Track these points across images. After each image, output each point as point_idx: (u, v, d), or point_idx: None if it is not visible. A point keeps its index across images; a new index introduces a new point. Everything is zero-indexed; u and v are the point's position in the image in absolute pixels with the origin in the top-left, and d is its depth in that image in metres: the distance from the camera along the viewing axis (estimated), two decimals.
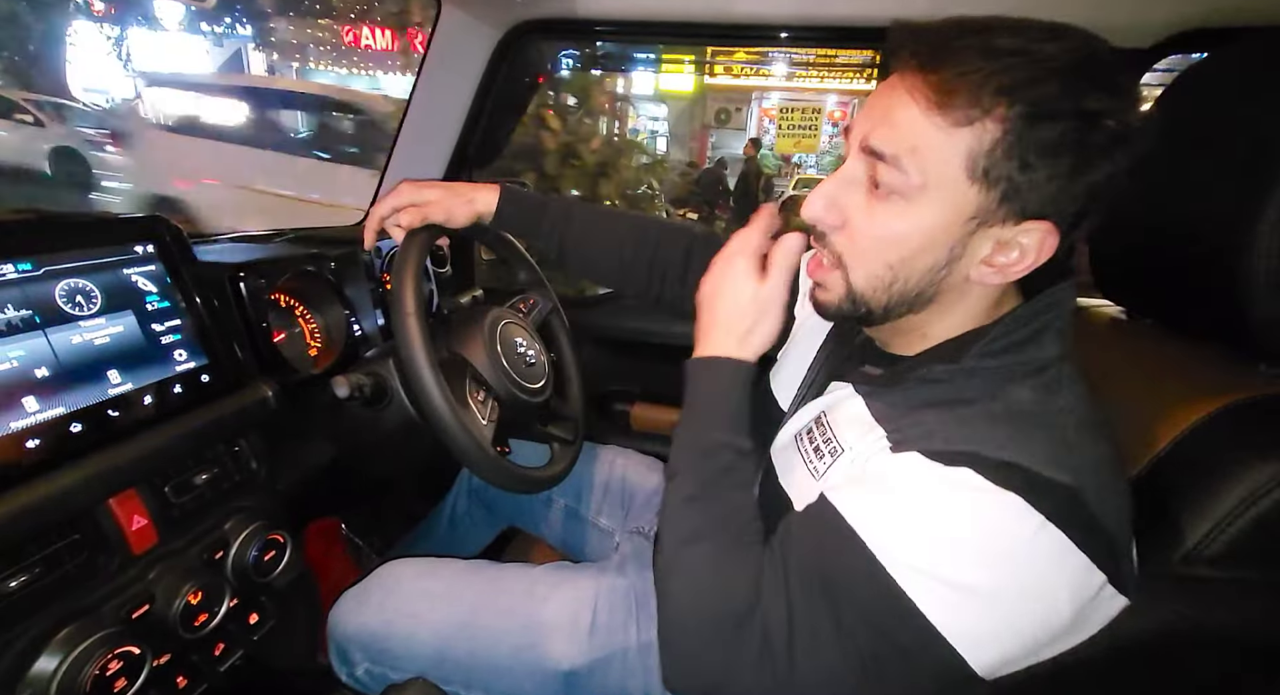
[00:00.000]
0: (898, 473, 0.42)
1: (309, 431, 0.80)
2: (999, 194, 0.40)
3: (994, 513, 0.38)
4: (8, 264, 0.48)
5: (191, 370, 0.59)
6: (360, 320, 0.85)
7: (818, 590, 0.42)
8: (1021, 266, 0.43)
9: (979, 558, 0.38)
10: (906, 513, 0.40)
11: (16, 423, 0.46)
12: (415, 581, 0.73)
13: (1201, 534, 0.45)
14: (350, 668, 0.71)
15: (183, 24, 7.88)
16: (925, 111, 0.40)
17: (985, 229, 0.42)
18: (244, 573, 0.62)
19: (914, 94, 0.41)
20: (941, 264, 0.44)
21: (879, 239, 0.45)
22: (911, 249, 0.44)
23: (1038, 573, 0.38)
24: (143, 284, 0.57)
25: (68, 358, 0.50)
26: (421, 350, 0.61)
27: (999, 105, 0.38)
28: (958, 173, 0.40)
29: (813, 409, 0.56)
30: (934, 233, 0.43)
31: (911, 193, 0.42)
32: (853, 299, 0.48)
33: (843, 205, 0.46)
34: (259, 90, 5.51)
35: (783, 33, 1.02)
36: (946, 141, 0.40)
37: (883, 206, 0.44)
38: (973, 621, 0.38)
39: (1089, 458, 0.40)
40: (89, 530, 0.52)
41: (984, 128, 0.39)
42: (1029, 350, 0.45)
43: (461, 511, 1.05)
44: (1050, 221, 0.41)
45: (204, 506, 0.61)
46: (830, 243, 0.48)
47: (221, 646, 0.62)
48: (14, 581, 0.47)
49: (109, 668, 0.49)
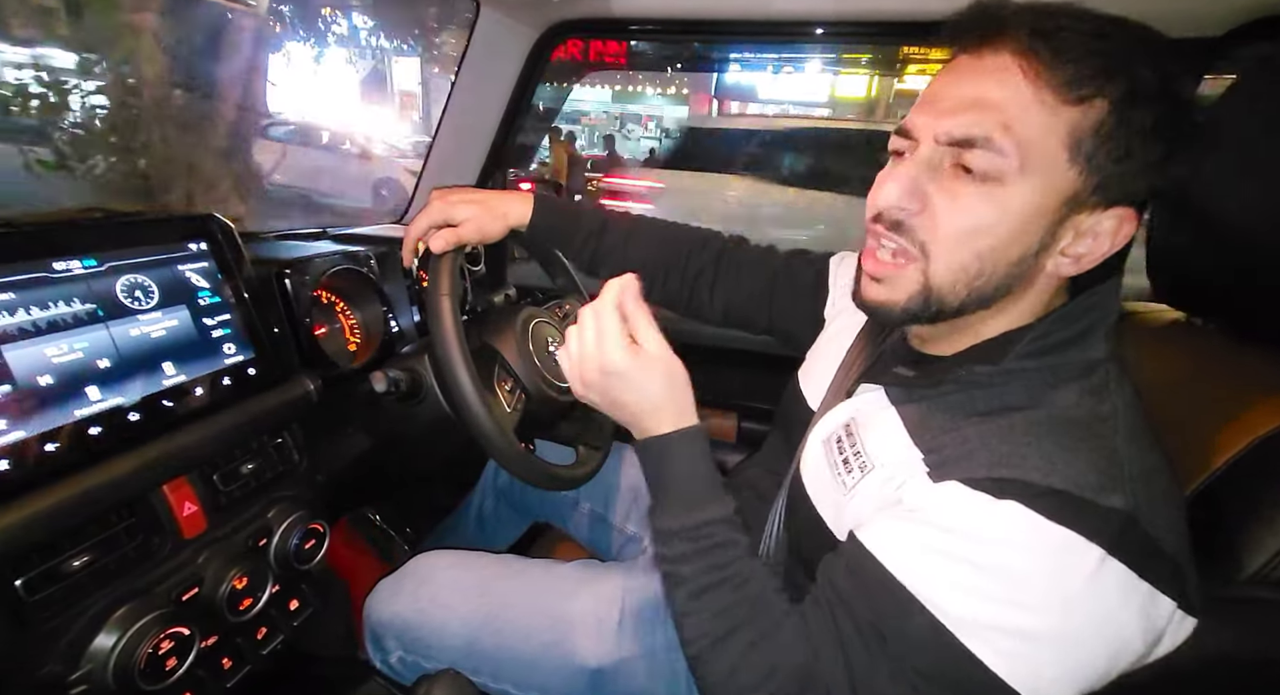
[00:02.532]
0: (941, 509, 0.40)
1: (347, 425, 0.82)
2: (1097, 178, 0.39)
3: (1051, 552, 0.36)
4: (74, 260, 0.51)
5: (240, 363, 0.62)
6: (397, 317, 0.87)
7: (876, 649, 0.40)
8: (1097, 255, 0.41)
9: (1041, 602, 0.36)
10: (958, 560, 0.38)
11: (80, 410, 0.49)
12: (448, 573, 0.74)
13: (1270, 554, 0.43)
14: (385, 655, 0.73)
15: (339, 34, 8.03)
16: (1034, 88, 0.38)
17: (1073, 216, 0.41)
18: (285, 560, 0.64)
19: (1021, 71, 0.39)
20: (1031, 253, 0.41)
21: (968, 227, 0.41)
22: (1003, 236, 0.41)
23: (1105, 610, 0.36)
24: (196, 280, 0.60)
25: (127, 350, 0.53)
26: (456, 347, 0.62)
27: (1105, 84, 0.37)
28: (1058, 152, 0.39)
29: (841, 413, 0.54)
30: (1029, 218, 0.40)
31: (1007, 174, 0.39)
32: (926, 296, 0.44)
33: (924, 190, 0.42)
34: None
35: (819, 29, 1.00)
36: (1051, 118, 0.38)
37: (971, 191, 0.41)
38: (1042, 669, 0.37)
39: (1140, 472, 0.38)
40: (145, 515, 0.55)
41: (1091, 106, 0.38)
42: (1073, 351, 0.43)
43: (489, 507, 1.06)
44: (1132, 208, 0.40)
45: (249, 495, 0.64)
46: (910, 229, 0.43)
47: (264, 631, 0.64)
48: (77, 560, 0.49)
49: (161, 647, 0.51)
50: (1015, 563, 0.37)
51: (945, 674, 0.38)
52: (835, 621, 0.43)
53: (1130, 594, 0.36)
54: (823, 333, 0.71)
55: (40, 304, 0.48)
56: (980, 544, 0.38)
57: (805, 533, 0.54)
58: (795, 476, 0.57)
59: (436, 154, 1.16)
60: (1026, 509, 0.36)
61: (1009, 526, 0.37)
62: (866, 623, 0.41)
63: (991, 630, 0.37)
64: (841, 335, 0.64)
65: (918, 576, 0.39)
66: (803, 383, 0.68)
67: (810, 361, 0.69)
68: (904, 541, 0.41)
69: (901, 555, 0.40)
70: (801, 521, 0.55)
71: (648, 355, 0.50)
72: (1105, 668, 0.37)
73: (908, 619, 0.39)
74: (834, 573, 0.45)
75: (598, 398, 0.53)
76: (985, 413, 0.43)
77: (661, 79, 14.03)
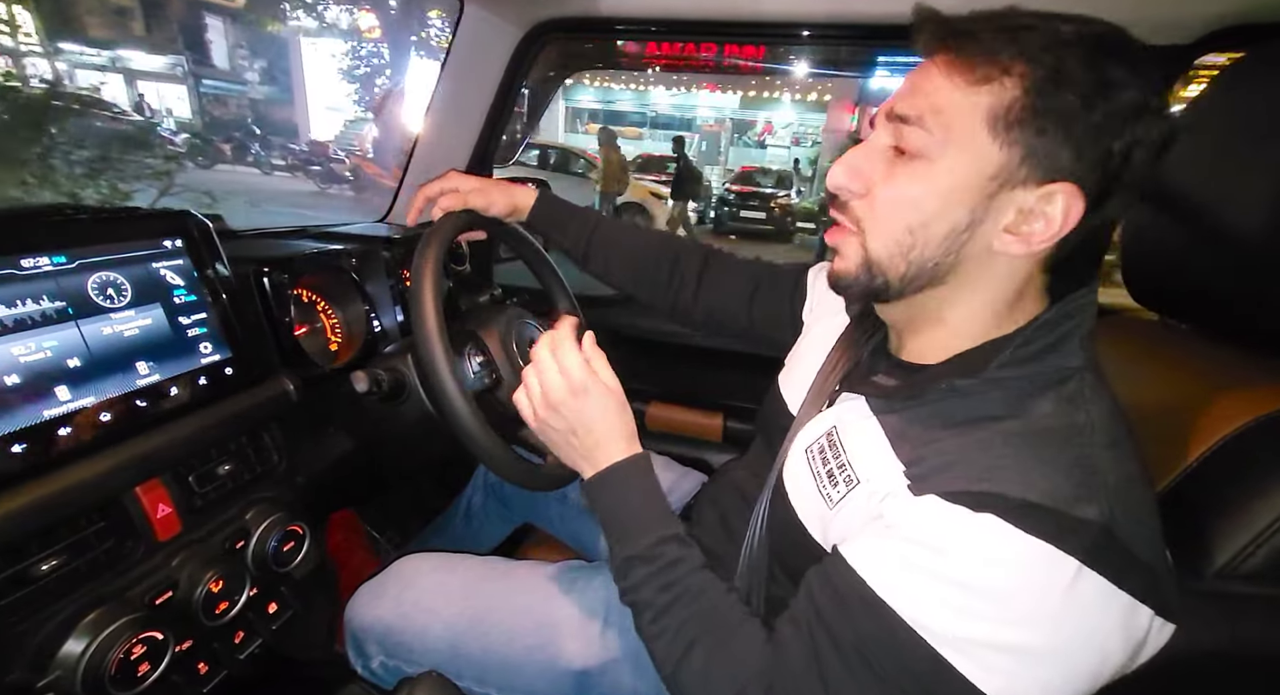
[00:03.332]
0: (920, 524, 0.40)
1: (328, 425, 0.81)
2: (1020, 153, 0.41)
3: (1028, 566, 0.36)
4: (43, 256, 0.50)
5: (216, 363, 0.61)
6: (380, 316, 0.86)
7: (858, 667, 0.41)
8: (1047, 235, 0.42)
9: (1025, 617, 0.36)
10: (939, 577, 0.38)
11: (49, 411, 0.48)
12: (431, 576, 0.73)
13: (1238, 548, 0.44)
14: (366, 660, 0.72)
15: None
16: (947, 75, 0.42)
17: (1007, 192, 0.42)
18: (264, 562, 0.63)
19: (937, 64, 0.43)
20: (962, 226, 0.44)
21: (898, 202, 0.45)
22: (931, 210, 0.44)
23: (1084, 622, 0.37)
24: (171, 278, 0.59)
25: (98, 348, 0.52)
26: (439, 347, 0.61)
27: (1016, 64, 0.40)
28: (979, 128, 0.42)
29: (823, 422, 0.54)
30: (954, 192, 0.43)
31: (934, 152, 0.43)
32: (869, 267, 0.47)
33: (865, 173, 0.47)
34: None
35: (805, 31, 1.01)
36: (968, 100, 0.42)
37: (904, 169, 0.45)
38: (1029, 684, 0.37)
39: (1116, 482, 0.39)
40: (116, 517, 0.54)
41: (1003, 86, 0.41)
42: (1051, 358, 0.44)
43: (477, 507, 1.06)
44: (1072, 184, 0.41)
45: (226, 497, 0.63)
46: (850, 210, 0.48)
47: (241, 635, 0.63)
48: (45, 565, 0.48)
49: (133, 652, 0.50)
50: (996, 578, 0.37)
51: (930, 692, 0.38)
52: (813, 641, 0.43)
53: (1109, 605, 0.37)
54: (802, 337, 0.72)
55: (6, 302, 0.47)
56: (959, 559, 0.38)
57: (787, 538, 0.55)
58: (778, 482, 0.57)
59: (420, 153, 1.15)
60: (1003, 521, 0.37)
61: (986, 540, 0.37)
62: (848, 643, 0.41)
63: (977, 646, 0.37)
64: (820, 340, 0.65)
65: (901, 594, 0.39)
66: (783, 386, 0.68)
67: (790, 366, 0.70)
68: (885, 558, 0.41)
69: (883, 572, 0.41)
70: (782, 526, 0.55)
71: (604, 384, 0.56)
72: (1090, 680, 0.38)
73: (892, 637, 0.39)
74: (815, 589, 0.45)
75: (558, 425, 0.57)
76: (964, 422, 0.44)
77: (803, 85, 13.75)
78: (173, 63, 7.43)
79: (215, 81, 12.98)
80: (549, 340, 0.57)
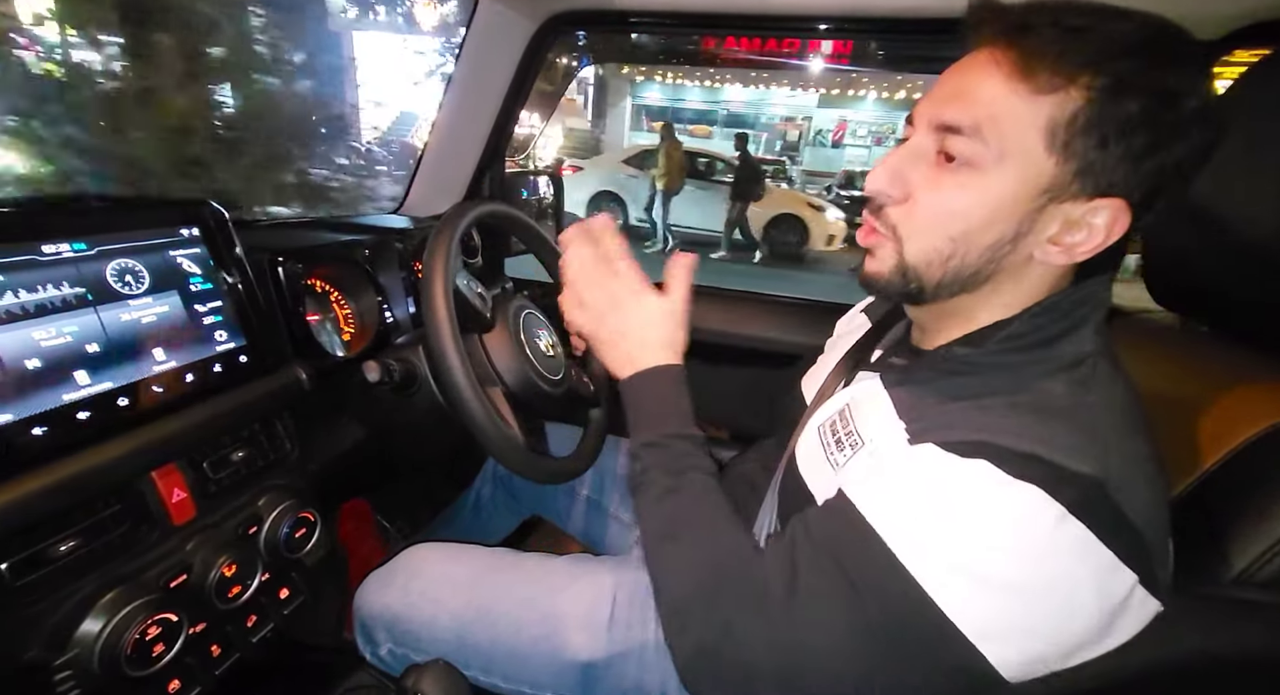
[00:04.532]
0: (913, 466, 0.41)
1: (340, 414, 0.82)
2: (1075, 167, 0.40)
3: (1011, 505, 0.37)
4: (63, 243, 0.50)
5: (231, 351, 0.61)
6: (392, 307, 0.86)
7: (829, 565, 0.41)
8: (1089, 246, 0.42)
9: (996, 550, 0.37)
10: (921, 506, 0.39)
11: (69, 395, 0.49)
12: (439, 566, 0.74)
13: (1256, 554, 0.43)
14: (374, 647, 0.73)
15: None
16: (1008, 80, 0.40)
17: (1056, 205, 0.42)
18: (275, 548, 0.64)
19: (998, 66, 0.41)
20: (1006, 240, 0.43)
21: (942, 212, 0.44)
22: (977, 222, 0.43)
23: (1059, 566, 0.36)
24: (187, 266, 0.59)
25: (117, 334, 0.52)
26: (450, 339, 0.61)
27: (1083, 75, 0.38)
28: (1036, 142, 0.40)
29: (838, 400, 0.55)
30: (1003, 205, 0.42)
31: (986, 163, 0.41)
32: (904, 273, 0.46)
33: (907, 178, 0.45)
34: None
35: (822, 24, 1.00)
36: (1028, 110, 0.40)
37: (951, 178, 0.43)
38: (989, 615, 0.37)
39: (1118, 450, 0.39)
40: (133, 501, 0.54)
41: (1067, 96, 0.39)
42: (1063, 344, 0.44)
43: (486, 498, 1.06)
44: (1123, 199, 0.40)
45: (239, 483, 0.63)
46: (885, 216, 0.47)
47: (253, 619, 0.64)
48: (63, 546, 0.49)
49: (148, 633, 0.51)
50: (975, 510, 0.37)
51: (896, 608, 0.38)
52: (794, 542, 0.44)
53: (1087, 556, 0.36)
54: (829, 344, 0.75)
55: (28, 287, 0.48)
56: (943, 493, 0.39)
57: (796, 511, 0.55)
58: (790, 461, 0.58)
59: (434, 145, 1.15)
60: (994, 467, 0.37)
61: (975, 482, 0.38)
62: (826, 547, 0.42)
63: (945, 570, 0.37)
64: (841, 343, 0.67)
65: (879, 513, 0.40)
66: (804, 383, 0.69)
67: (810, 375, 0.71)
68: (873, 486, 0.42)
69: (868, 495, 0.42)
70: (792, 501, 0.56)
71: (661, 301, 0.56)
72: (1056, 631, 0.37)
73: (865, 547, 0.40)
74: (806, 512, 0.47)
75: (595, 318, 0.57)
76: (971, 396, 0.44)
77: (891, 82, 13.31)
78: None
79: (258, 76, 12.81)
80: (584, 236, 0.58)
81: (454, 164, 1.17)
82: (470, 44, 1.04)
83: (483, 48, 1.06)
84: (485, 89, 1.11)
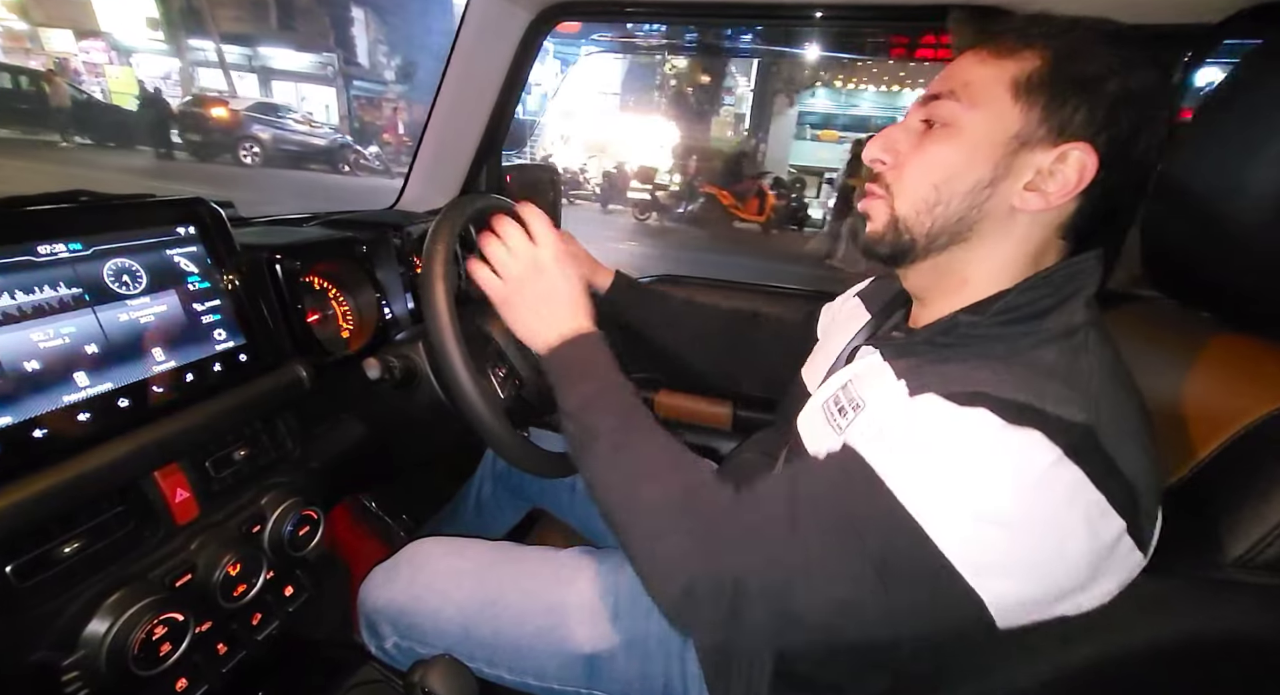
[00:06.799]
0: (914, 414, 0.43)
1: (341, 411, 0.82)
2: (1038, 115, 0.46)
3: (1009, 445, 0.38)
4: (59, 243, 0.50)
5: (230, 349, 0.61)
6: (391, 303, 0.86)
7: (827, 496, 0.43)
8: (1064, 191, 0.46)
9: (991, 486, 0.38)
10: (921, 448, 0.41)
11: (69, 396, 0.48)
12: (443, 559, 0.74)
13: (1256, 538, 0.43)
14: (379, 641, 0.73)
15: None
16: (978, 55, 0.49)
17: (1027, 152, 0.46)
18: (280, 546, 0.64)
19: (974, 53, 0.49)
20: (985, 182, 0.47)
21: (925, 163, 0.49)
22: (955, 168, 0.48)
23: (1052, 505, 0.38)
24: (185, 265, 0.59)
25: (115, 335, 0.52)
26: (450, 334, 0.61)
27: (1039, 41, 0.46)
28: (1002, 94, 0.47)
29: (840, 377, 0.57)
30: (978, 148, 0.47)
31: (961, 119, 0.48)
32: (896, 224, 0.51)
33: (898, 147, 0.52)
34: None
35: (818, 12, 0.99)
36: (995, 70, 0.47)
37: (931, 138, 0.50)
38: (983, 550, 0.38)
39: (1109, 406, 0.41)
40: (136, 501, 0.54)
41: (1026, 56, 0.46)
42: (1056, 316, 0.46)
43: (488, 493, 1.07)
44: (1086, 143, 0.45)
45: (242, 481, 0.63)
46: (880, 178, 0.53)
47: (259, 617, 0.64)
48: (68, 547, 0.49)
49: (155, 632, 0.51)
50: (973, 449, 0.39)
51: (886, 537, 0.39)
52: (794, 477, 0.45)
53: (1078, 496, 0.38)
54: (822, 332, 0.77)
55: (25, 288, 0.47)
56: (942, 434, 0.40)
57: None
58: (795, 441, 0.58)
59: (430, 137, 1.14)
60: (992, 414, 0.39)
61: (974, 425, 0.39)
62: (824, 478, 0.44)
63: (939, 503, 0.39)
64: (839, 335, 0.67)
65: (875, 453, 0.42)
66: (805, 374, 0.70)
67: (810, 360, 0.72)
68: (873, 434, 0.44)
69: (868, 441, 0.43)
70: None
71: (558, 271, 0.61)
72: (1046, 569, 0.39)
73: (865, 486, 0.41)
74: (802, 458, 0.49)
75: (523, 293, 0.60)
76: (968, 360, 0.46)
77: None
78: (322, 62, 6.66)
79: (364, 82, 11.77)
80: (511, 221, 0.63)
81: (450, 158, 1.16)
82: (465, 35, 1.03)
83: (478, 38, 1.04)
84: (481, 81, 1.10)
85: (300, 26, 2.90)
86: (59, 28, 11.53)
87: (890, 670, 0.54)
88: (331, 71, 4.69)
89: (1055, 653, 0.45)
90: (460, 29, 1.03)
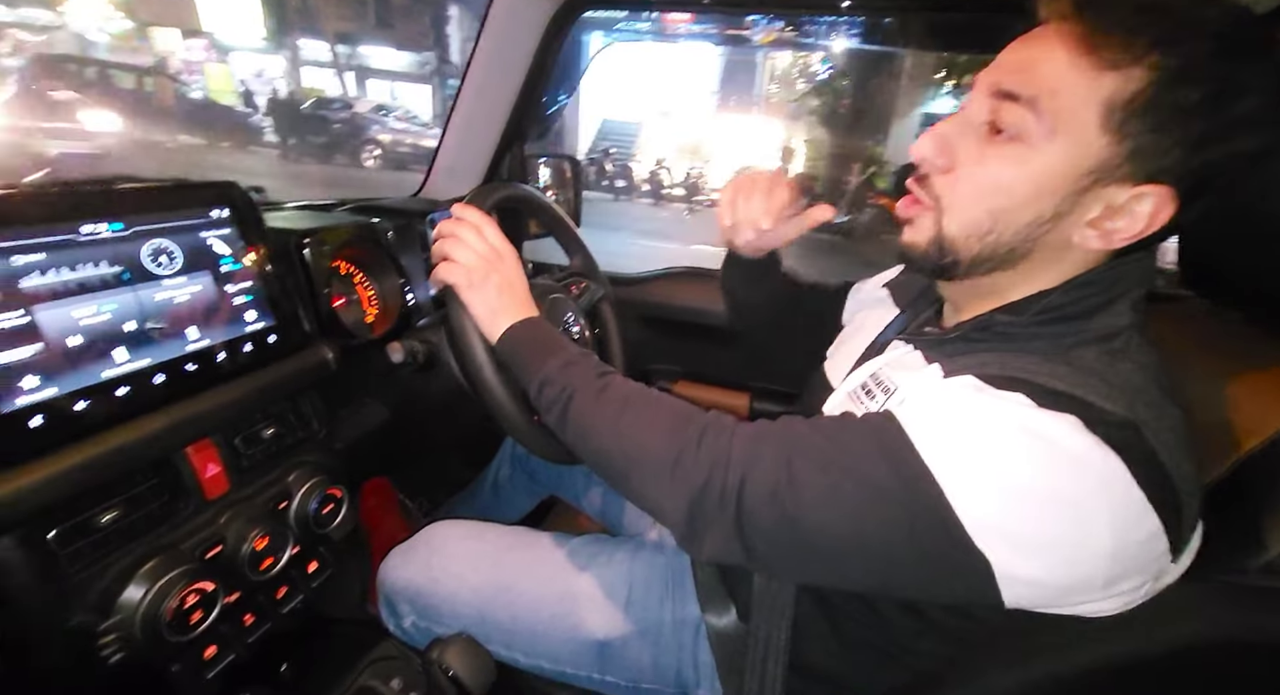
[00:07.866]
0: (949, 391, 0.41)
1: (365, 394, 0.83)
2: (1127, 149, 0.39)
3: (1044, 425, 0.37)
4: (101, 223, 0.52)
5: (260, 330, 0.63)
6: (414, 289, 0.87)
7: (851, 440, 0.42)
8: (1129, 234, 0.41)
9: (1018, 458, 0.36)
10: (951, 416, 0.39)
11: (108, 371, 0.50)
12: (461, 543, 0.75)
13: None
14: (398, 619, 0.75)
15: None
16: (1071, 54, 0.39)
17: (1101, 187, 0.41)
18: (305, 523, 0.66)
19: (1063, 39, 0.40)
20: (1045, 218, 0.42)
21: (985, 184, 0.43)
22: (1018, 198, 0.42)
23: (1080, 488, 0.36)
24: (218, 246, 0.61)
25: (153, 313, 0.54)
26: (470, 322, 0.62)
27: (1150, 55, 0.37)
28: (1091, 118, 0.39)
29: (870, 367, 0.55)
30: (1048, 181, 0.41)
31: (1036, 138, 0.41)
32: (940, 245, 0.46)
33: (954, 147, 0.45)
34: None
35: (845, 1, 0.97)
36: (1089, 85, 0.39)
37: (996, 151, 0.43)
38: (992, 512, 0.36)
39: (1150, 406, 0.39)
40: (169, 475, 0.56)
41: (1130, 74, 0.38)
42: (1100, 317, 0.43)
43: (505, 478, 1.08)
44: (1170, 187, 0.39)
45: (269, 459, 0.65)
46: (929, 184, 0.46)
47: (284, 590, 0.66)
48: (105, 517, 0.51)
49: (187, 601, 0.53)
50: (1009, 427, 0.37)
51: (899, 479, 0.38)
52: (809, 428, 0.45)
53: (1114, 486, 0.36)
54: (845, 328, 0.73)
55: (69, 265, 0.49)
56: (979, 412, 0.39)
57: None
58: None
59: (454, 127, 1.15)
60: (1030, 399, 0.38)
61: (1011, 406, 0.38)
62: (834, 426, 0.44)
63: (962, 467, 0.37)
64: (867, 327, 0.66)
65: (910, 420, 0.40)
66: (828, 368, 0.69)
67: (832, 355, 0.70)
68: (907, 404, 0.43)
69: (899, 408, 0.42)
70: None
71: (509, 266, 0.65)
72: (1061, 553, 0.36)
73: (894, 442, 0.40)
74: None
75: (487, 280, 0.63)
76: (1006, 351, 0.45)
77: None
78: (420, 60, 6.49)
79: (455, 80, 11.56)
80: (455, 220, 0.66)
81: (473, 148, 1.17)
82: (490, 26, 1.04)
83: (502, 29, 1.05)
84: (505, 72, 1.10)
85: (398, 24, 2.92)
86: (166, 26, 11.75)
87: (906, 666, 0.54)
88: (429, 70, 4.64)
89: (1076, 654, 0.44)
90: (485, 21, 1.04)
